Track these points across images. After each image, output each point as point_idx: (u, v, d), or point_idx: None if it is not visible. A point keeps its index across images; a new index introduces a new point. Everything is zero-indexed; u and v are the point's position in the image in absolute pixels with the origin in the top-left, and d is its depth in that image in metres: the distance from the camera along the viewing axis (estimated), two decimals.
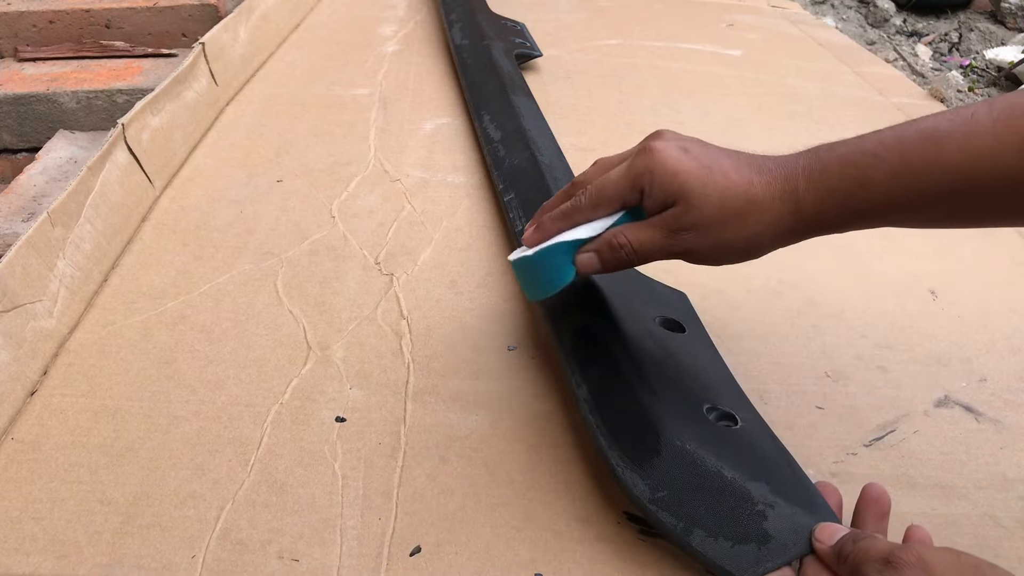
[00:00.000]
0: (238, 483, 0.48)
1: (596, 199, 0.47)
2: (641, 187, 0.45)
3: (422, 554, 0.44)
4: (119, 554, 0.44)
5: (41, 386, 0.55)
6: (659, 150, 0.44)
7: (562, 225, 0.48)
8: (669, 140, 0.45)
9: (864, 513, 0.42)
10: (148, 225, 0.74)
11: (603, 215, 0.47)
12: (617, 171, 0.46)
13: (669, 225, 0.45)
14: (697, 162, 0.44)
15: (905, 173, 0.40)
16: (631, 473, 0.44)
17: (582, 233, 0.47)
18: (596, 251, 0.47)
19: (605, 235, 0.47)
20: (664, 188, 0.44)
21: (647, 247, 0.46)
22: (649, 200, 0.45)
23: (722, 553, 0.40)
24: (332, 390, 0.55)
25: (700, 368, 0.52)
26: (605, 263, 0.47)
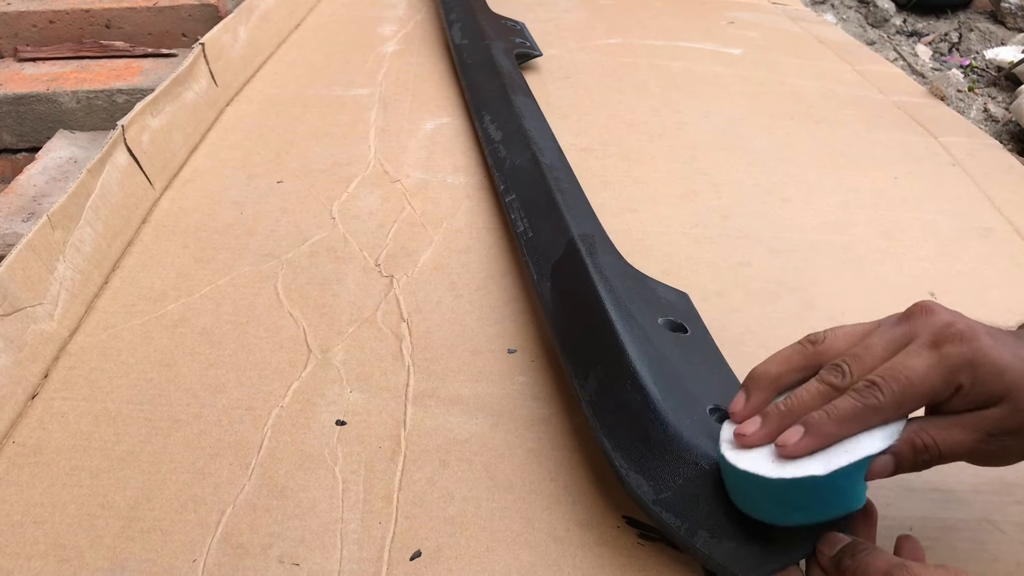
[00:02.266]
0: (239, 487, 0.48)
1: (902, 396, 0.38)
2: (959, 384, 0.38)
3: (422, 558, 0.44)
4: (120, 558, 0.44)
5: (42, 389, 0.55)
6: (973, 336, 0.38)
7: (851, 430, 0.38)
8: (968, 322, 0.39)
9: (853, 521, 0.42)
10: (148, 227, 0.74)
11: (905, 415, 0.39)
12: (922, 362, 0.38)
13: (988, 428, 0.38)
14: (1013, 355, 0.38)
15: None
16: (634, 474, 0.44)
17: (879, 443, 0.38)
18: (896, 455, 0.39)
19: (907, 435, 0.38)
20: (988, 386, 0.37)
21: (955, 451, 0.39)
22: (963, 400, 0.38)
23: (727, 554, 0.40)
24: (332, 393, 0.56)
25: (703, 368, 0.52)
26: (900, 468, 0.39)
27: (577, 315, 0.57)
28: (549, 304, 0.59)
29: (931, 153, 0.93)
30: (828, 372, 0.40)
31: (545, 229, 0.67)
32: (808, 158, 0.90)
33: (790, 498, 0.38)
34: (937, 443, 0.38)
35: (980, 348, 0.37)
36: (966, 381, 0.37)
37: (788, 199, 0.81)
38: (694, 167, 0.87)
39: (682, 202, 0.80)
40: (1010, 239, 0.77)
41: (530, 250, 0.65)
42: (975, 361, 0.37)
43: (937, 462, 0.39)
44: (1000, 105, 1.31)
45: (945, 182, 0.87)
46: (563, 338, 0.56)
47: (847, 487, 0.38)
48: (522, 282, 0.67)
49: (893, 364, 0.38)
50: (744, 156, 0.90)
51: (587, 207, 0.70)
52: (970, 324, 0.38)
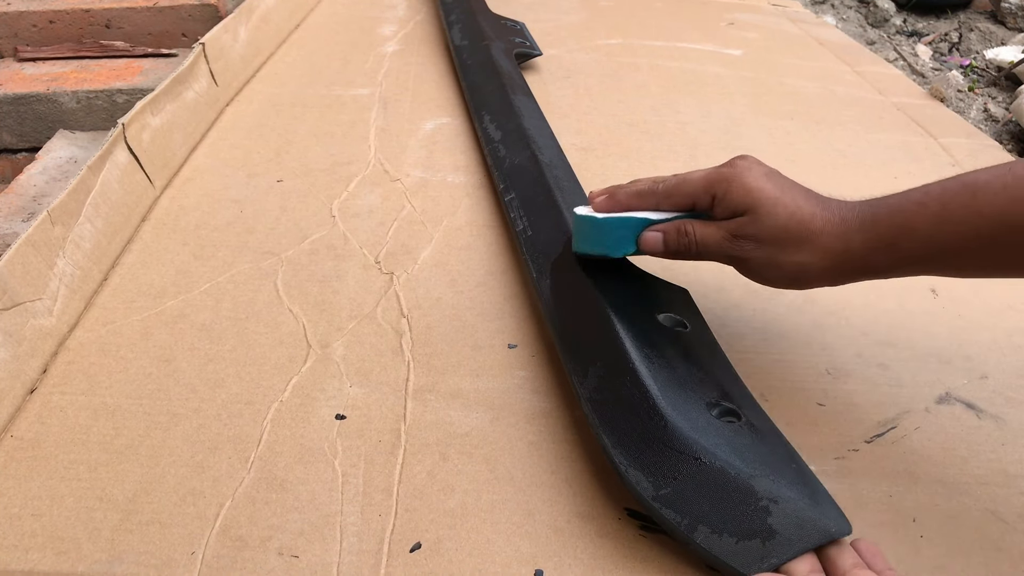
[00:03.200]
0: (238, 480, 0.48)
1: (672, 190, 0.51)
2: (714, 193, 0.49)
3: (422, 550, 0.44)
4: (118, 550, 0.44)
5: (41, 384, 0.55)
6: (742, 166, 0.49)
7: (634, 203, 0.53)
8: (752, 161, 0.50)
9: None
10: (148, 224, 0.74)
11: (673, 207, 0.52)
12: (698, 174, 0.51)
13: (733, 231, 0.49)
14: (773, 184, 0.48)
15: (946, 219, 0.43)
16: (634, 470, 0.44)
17: (651, 215, 0.52)
18: (663, 232, 0.52)
19: (675, 221, 0.51)
20: (737, 199, 0.48)
21: (708, 243, 0.50)
22: (719, 207, 0.49)
23: (726, 549, 0.40)
24: (332, 388, 0.55)
25: (703, 364, 0.52)
26: (668, 246, 0.51)
27: (576, 312, 0.57)
28: (548, 302, 0.59)
29: (931, 154, 0.93)
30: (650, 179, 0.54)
31: (544, 227, 0.67)
32: (808, 158, 0.90)
33: (584, 231, 0.55)
34: (695, 231, 0.50)
35: (741, 173, 0.49)
36: (720, 192, 0.49)
37: None
38: (694, 166, 0.86)
39: None
40: None
41: (529, 248, 0.65)
42: (731, 179, 0.49)
43: (695, 250, 0.51)
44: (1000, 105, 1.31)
45: None
46: (562, 335, 0.56)
47: (617, 236, 0.53)
48: (522, 279, 0.67)
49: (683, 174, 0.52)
50: None
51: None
52: (749, 162, 0.49)
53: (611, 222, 0.53)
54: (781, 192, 0.48)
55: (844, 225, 0.46)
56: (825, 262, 0.47)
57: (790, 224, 0.47)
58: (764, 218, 0.48)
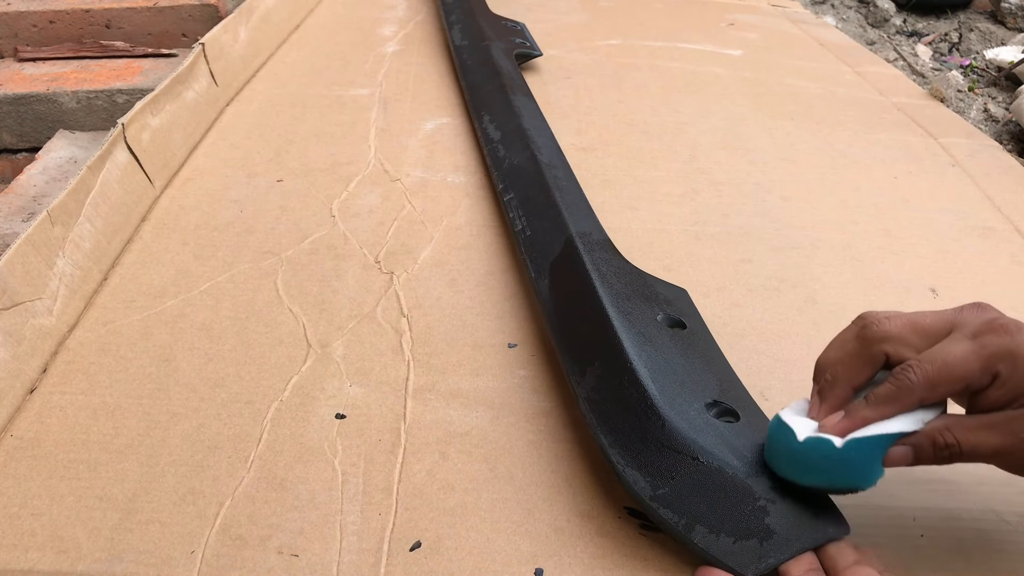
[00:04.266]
0: (237, 479, 0.48)
1: (936, 379, 0.38)
2: (996, 372, 0.37)
3: (422, 549, 0.44)
4: (118, 549, 0.44)
5: (40, 384, 0.55)
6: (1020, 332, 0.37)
7: (884, 412, 0.39)
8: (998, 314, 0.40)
9: None
10: (148, 224, 0.74)
11: (938, 399, 0.39)
12: (961, 348, 0.38)
13: (1019, 430, 0.37)
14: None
15: None
16: (632, 470, 0.44)
17: (906, 425, 0.39)
18: (915, 447, 0.39)
19: (928, 431, 0.39)
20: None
21: (980, 452, 0.38)
22: (1001, 390, 0.38)
23: (724, 549, 0.40)
24: (332, 387, 0.55)
25: (701, 364, 0.52)
26: (920, 460, 0.40)
27: (575, 312, 0.57)
28: (547, 302, 0.59)
29: (931, 153, 0.93)
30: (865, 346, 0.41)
31: (543, 227, 0.67)
32: (808, 158, 0.90)
33: (808, 459, 0.40)
34: (960, 443, 0.38)
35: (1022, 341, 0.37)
36: (1004, 370, 0.37)
37: (788, 198, 0.81)
38: (694, 166, 0.87)
39: (682, 200, 0.80)
40: (1010, 238, 0.77)
41: (528, 248, 0.65)
42: (1015, 352, 0.37)
43: (960, 460, 0.39)
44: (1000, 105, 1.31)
45: (945, 182, 0.87)
46: (561, 335, 0.56)
47: (861, 462, 0.39)
48: (522, 278, 0.67)
49: (932, 348, 0.39)
50: (744, 156, 0.90)
51: (585, 205, 0.70)
52: (1017, 322, 0.38)
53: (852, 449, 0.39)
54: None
55: None
56: None
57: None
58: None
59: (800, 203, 0.81)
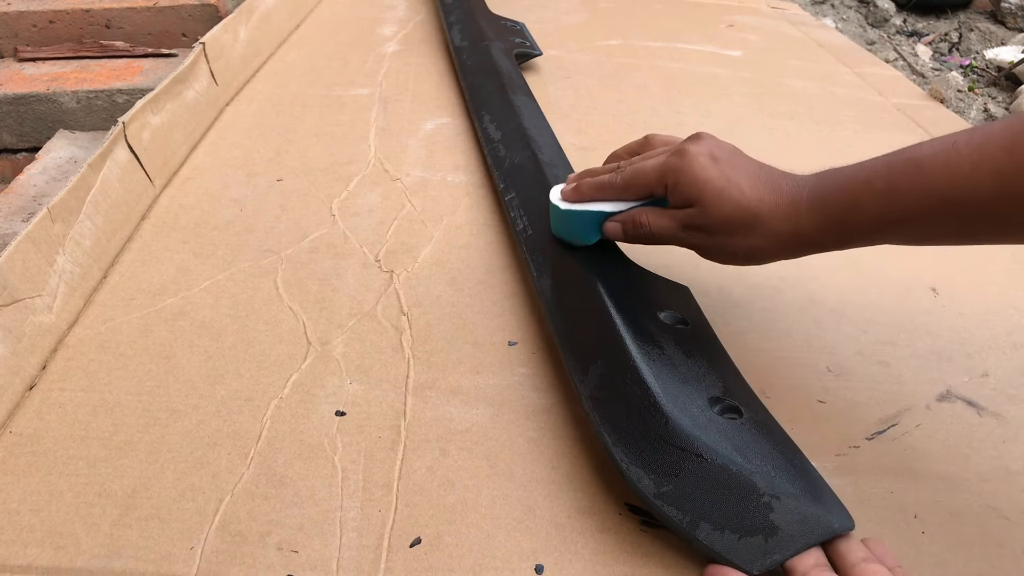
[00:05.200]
0: (237, 476, 0.48)
1: (628, 183, 0.54)
2: (666, 183, 0.51)
3: (422, 545, 0.44)
4: (117, 545, 0.43)
5: (40, 380, 0.55)
6: (691, 155, 0.50)
7: (597, 195, 0.56)
8: (703, 146, 0.51)
9: None
10: (148, 223, 0.73)
11: (631, 198, 0.55)
12: (652, 163, 0.53)
13: (683, 221, 0.52)
14: (720, 172, 0.49)
15: (892, 197, 0.44)
16: (635, 468, 0.44)
17: (609, 208, 0.56)
18: (622, 223, 0.55)
19: (631, 212, 0.55)
20: (686, 190, 0.50)
21: (663, 232, 0.53)
22: (672, 196, 0.52)
23: (729, 546, 0.40)
24: (332, 385, 0.55)
25: (704, 361, 0.52)
26: (626, 234, 0.55)
27: (577, 310, 0.57)
28: (549, 300, 0.59)
29: None
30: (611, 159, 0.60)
31: (544, 226, 0.66)
32: (808, 158, 0.90)
33: (555, 218, 0.60)
34: (650, 223, 0.53)
35: (689, 162, 0.50)
36: (671, 183, 0.51)
37: None
38: None
39: None
40: None
41: (529, 247, 0.65)
42: (681, 169, 0.50)
43: (652, 239, 0.54)
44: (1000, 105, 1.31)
45: None
46: (563, 333, 0.56)
47: (582, 226, 0.58)
48: (522, 276, 0.67)
49: (639, 163, 0.54)
50: None
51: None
52: (698, 148, 0.50)
53: (576, 215, 0.57)
54: (727, 181, 0.49)
55: (793, 207, 0.48)
56: (775, 243, 0.49)
57: (735, 213, 0.49)
58: (711, 210, 0.49)
59: None
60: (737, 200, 0.49)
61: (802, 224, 0.48)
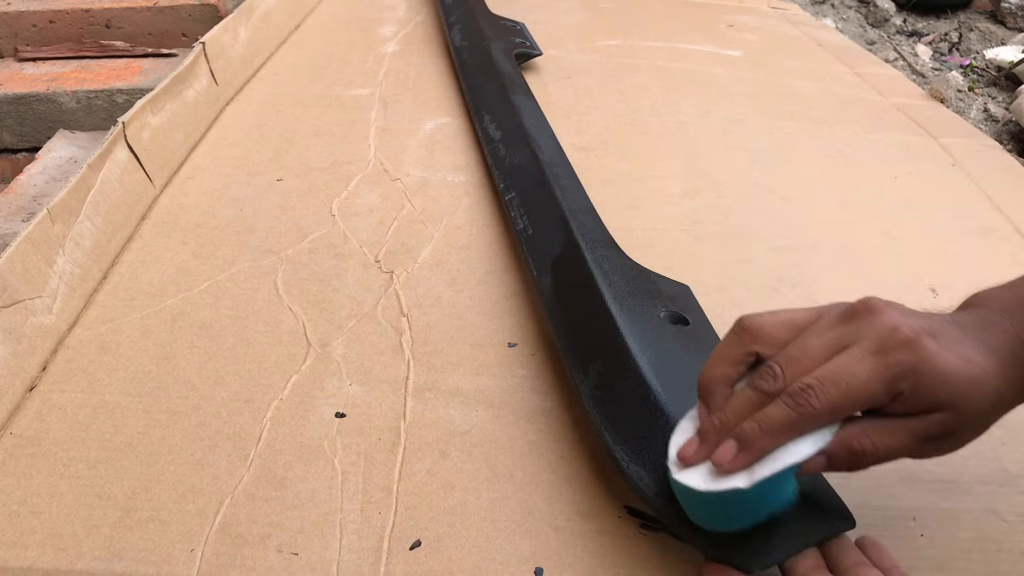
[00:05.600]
0: (237, 478, 0.48)
1: (838, 404, 0.36)
2: (899, 391, 0.36)
3: (422, 548, 0.44)
4: (117, 547, 0.44)
5: (40, 382, 0.55)
6: (922, 347, 0.36)
7: (784, 439, 0.37)
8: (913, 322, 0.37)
9: None
10: (148, 223, 0.74)
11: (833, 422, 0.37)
12: (864, 369, 0.36)
13: (929, 433, 0.37)
14: (959, 358, 0.36)
15: None
16: (636, 467, 0.44)
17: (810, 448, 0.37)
18: (829, 456, 0.37)
19: (844, 438, 0.37)
20: (931, 394, 0.36)
21: (893, 454, 0.38)
22: (904, 405, 0.37)
23: (729, 545, 0.40)
24: (332, 386, 0.55)
25: (705, 360, 0.52)
26: (833, 467, 0.38)
27: (577, 310, 0.57)
28: (549, 300, 0.59)
29: (931, 153, 0.93)
30: (760, 378, 0.38)
31: (545, 226, 0.67)
32: (808, 158, 0.90)
33: (723, 508, 0.38)
34: (877, 447, 0.37)
35: (925, 356, 0.36)
36: (907, 388, 0.36)
37: (788, 198, 0.81)
38: (694, 166, 0.87)
39: (683, 200, 0.80)
40: (1010, 238, 0.76)
41: (530, 247, 0.65)
42: (919, 369, 0.36)
43: (873, 464, 0.38)
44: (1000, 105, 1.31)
45: (945, 182, 0.87)
46: (563, 333, 0.56)
47: (775, 492, 0.38)
48: (522, 277, 0.67)
49: (833, 368, 0.37)
50: (744, 155, 0.90)
51: (587, 204, 0.70)
52: (914, 327, 0.37)
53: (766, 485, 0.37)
54: (969, 364, 0.36)
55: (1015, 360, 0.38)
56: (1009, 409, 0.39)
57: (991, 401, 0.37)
58: (969, 410, 0.37)
59: (800, 203, 0.81)
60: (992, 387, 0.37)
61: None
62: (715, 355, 0.41)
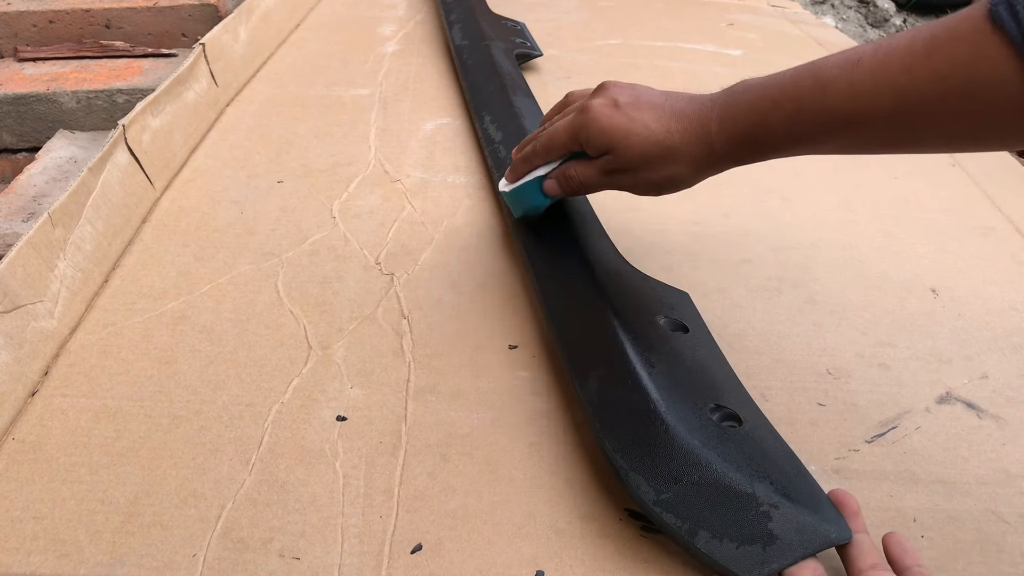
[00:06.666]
0: (239, 482, 0.48)
1: (547, 146, 0.58)
2: (579, 140, 0.55)
3: (423, 551, 0.44)
4: (120, 553, 0.44)
5: (42, 386, 0.55)
6: (594, 108, 0.53)
7: (527, 167, 0.61)
8: (605, 96, 0.54)
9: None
10: (149, 226, 0.74)
11: (555, 159, 0.59)
12: (563, 124, 0.57)
13: (604, 168, 0.55)
14: (624, 116, 0.52)
15: (799, 117, 0.46)
16: (635, 474, 0.44)
17: (541, 171, 0.60)
18: (556, 179, 0.59)
19: (561, 168, 0.59)
20: (597, 142, 0.54)
21: (590, 180, 0.57)
22: (588, 149, 0.55)
23: (727, 554, 0.40)
24: (333, 389, 0.55)
25: (704, 368, 0.52)
26: (564, 189, 0.59)
27: (577, 315, 0.57)
28: (550, 306, 0.59)
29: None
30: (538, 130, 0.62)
31: (545, 229, 0.67)
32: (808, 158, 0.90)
33: (510, 202, 0.65)
34: (578, 174, 0.57)
35: (594, 116, 0.53)
36: (583, 139, 0.55)
37: (788, 198, 0.81)
38: None
39: (682, 200, 0.80)
40: (1010, 238, 0.77)
41: (530, 251, 0.65)
42: (587, 125, 0.54)
43: (584, 188, 0.58)
44: None
45: (945, 182, 0.87)
46: (563, 338, 0.56)
47: (529, 196, 0.62)
48: (523, 279, 0.67)
49: (553, 126, 0.58)
50: None
51: (588, 206, 0.70)
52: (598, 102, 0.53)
53: (519, 190, 0.62)
54: (631, 121, 0.52)
55: (703, 129, 0.50)
56: (692, 166, 0.52)
57: (647, 149, 0.52)
58: (623, 152, 0.53)
59: (800, 203, 0.81)
60: (645, 137, 0.51)
61: (715, 144, 0.50)
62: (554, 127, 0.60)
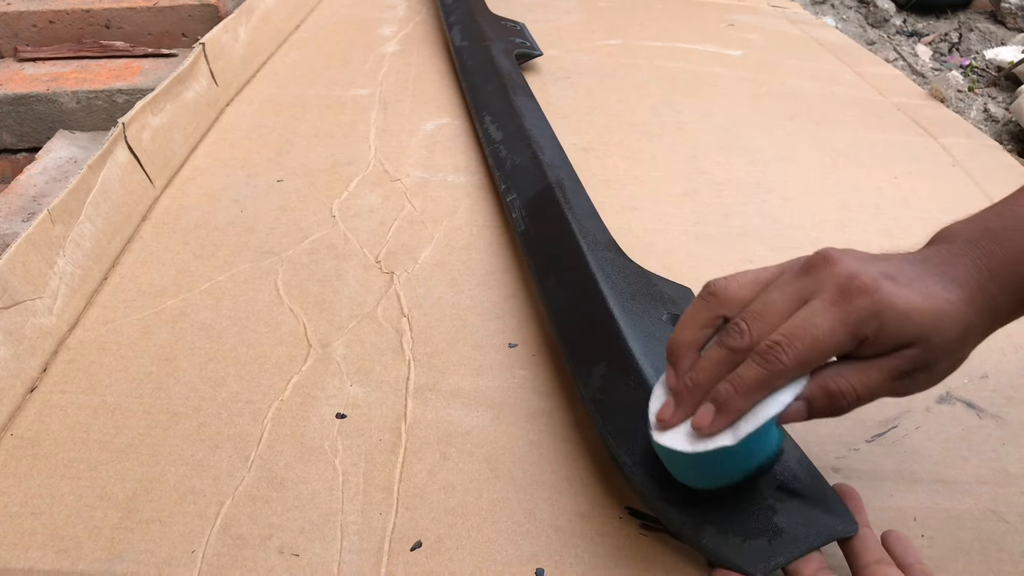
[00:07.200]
0: (238, 479, 0.48)
1: (806, 357, 0.37)
2: (864, 336, 0.37)
3: (423, 549, 0.44)
4: (118, 549, 0.44)
5: (41, 383, 0.55)
6: (878, 288, 0.37)
7: (758, 398, 0.38)
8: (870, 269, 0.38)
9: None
10: (148, 224, 0.74)
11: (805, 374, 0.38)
12: (827, 319, 0.37)
13: (903, 368, 0.38)
14: (919, 294, 0.37)
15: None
16: (639, 471, 0.44)
17: (787, 397, 0.38)
18: (808, 401, 0.39)
19: (820, 384, 0.38)
20: (896, 333, 0.37)
21: (874, 390, 0.38)
22: (874, 347, 0.38)
23: (733, 549, 0.40)
24: (332, 387, 0.55)
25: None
26: (814, 413, 0.39)
27: (579, 312, 0.57)
28: (551, 303, 0.59)
29: (931, 153, 0.93)
30: (727, 336, 0.39)
31: (546, 227, 0.67)
32: (808, 158, 0.90)
33: (710, 467, 0.40)
34: (854, 386, 0.38)
35: (884, 298, 0.37)
36: (871, 332, 0.37)
37: (788, 198, 0.81)
38: (694, 166, 0.87)
39: (683, 200, 0.80)
40: None
41: (531, 248, 0.65)
42: (879, 312, 0.37)
43: (858, 404, 0.39)
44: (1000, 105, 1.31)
45: (945, 182, 0.87)
46: (565, 335, 0.56)
47: (759, 444, 0.39)
48: (523, 278, 0.67)
49: (796, 323, 0.38)
50: (744, 155, 0.90)
51: (589, 205, 0.70)
52: (871, 273, 0.38)
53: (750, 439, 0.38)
54: (928, 298, 0.37)
55: (986, 294, 0.39)
56: (975, 342, 0.40)
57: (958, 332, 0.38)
58: (938, 341, 0.38)
59: (800, 203, 0.81)
60: (955, 317, 0.38)
61: (1001, 312, 0.39)
62: (683, 320, 0.42)
